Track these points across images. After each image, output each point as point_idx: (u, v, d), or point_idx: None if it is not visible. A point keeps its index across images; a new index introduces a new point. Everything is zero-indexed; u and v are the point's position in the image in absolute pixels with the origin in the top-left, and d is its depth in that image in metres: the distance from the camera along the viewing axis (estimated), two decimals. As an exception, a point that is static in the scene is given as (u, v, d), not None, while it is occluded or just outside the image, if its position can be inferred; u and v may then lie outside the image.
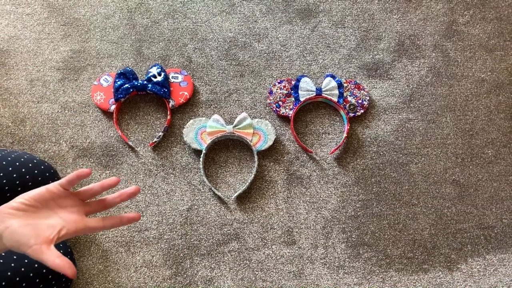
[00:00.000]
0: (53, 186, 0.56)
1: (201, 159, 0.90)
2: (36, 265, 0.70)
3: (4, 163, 0.76)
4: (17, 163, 0.77)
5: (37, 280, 0.70)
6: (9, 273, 0.67)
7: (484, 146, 0.95)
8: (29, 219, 0.52)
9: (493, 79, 0.99)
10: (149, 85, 0.93)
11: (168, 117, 0.93)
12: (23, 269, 0.69)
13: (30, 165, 0.79)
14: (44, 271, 0.71)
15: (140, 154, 0.93)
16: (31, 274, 0.69)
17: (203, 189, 0.91)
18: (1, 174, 0.74)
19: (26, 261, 0.70)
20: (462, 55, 1.01)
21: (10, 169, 0.76)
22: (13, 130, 0.93)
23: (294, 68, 0.99)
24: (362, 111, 0.95)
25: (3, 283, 0.67)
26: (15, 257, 0.70)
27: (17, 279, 0.68)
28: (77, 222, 0.55)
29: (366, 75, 0.99)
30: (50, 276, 0.72)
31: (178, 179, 0.91)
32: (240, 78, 0.98)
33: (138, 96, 0.97)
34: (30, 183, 0.77)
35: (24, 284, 0.68)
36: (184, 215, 0.90)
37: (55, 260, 0.49)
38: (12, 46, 0.99)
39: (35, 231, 0.51)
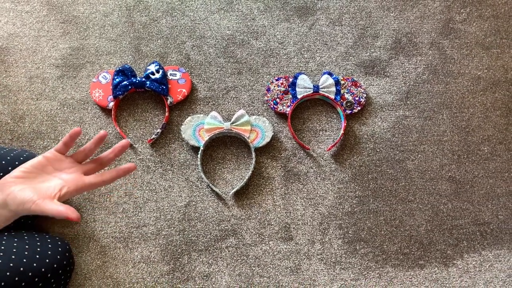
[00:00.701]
0: (49, 152, 0.60)
1: (199, 155, 0.91)
2: (35, 264, 0.71)
3: (3, 162, 0.77)
4: (17, 162, 0.78)
5: (36, 279, 0.70)
6: (8, 273, 0.68)
7: (480, 143, 0.96)
8: (30, 183, 0.56)
9: (489, 76, 1.00)
10: (148, 82, 0.93)
11: (166, 114, 0.93)
12: (22, 268, 0.69)
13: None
14: (43, 269, 0.71)
15: (139, 150, 0.93)
16: (30, 274, 0.70)
17: (201, 185, 0.92)
18: (1, 174, 0.75)
19: (24, 260, 0.70)
20: (458, 53, 1.01)
21: (10, 168, 0.77)
22: (12, 127, 0.94)
23: (291, 66, 0.99)
24: (359, 108, 0.95)
25: (2, 283, 0.67)
26: (13, 256, 0.70)
27: (16, 278, 0.68)
28: (77, 180, 0.57)
29: (363, 72, 0.99)
30: (49, 275, 0.72)
31: (176, 175, 0.92)
32: (238, 75, 0.99)
33: (136, 93, 0.97)
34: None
35: (23, 284, 0.69)
36: (182, 211, 0.90)
37: (59, 207, 0.52)
38: (11, 43, 0.99)
39: (36, 191, 0.54)
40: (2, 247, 0.71)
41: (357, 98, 0.96)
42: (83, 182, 0.57)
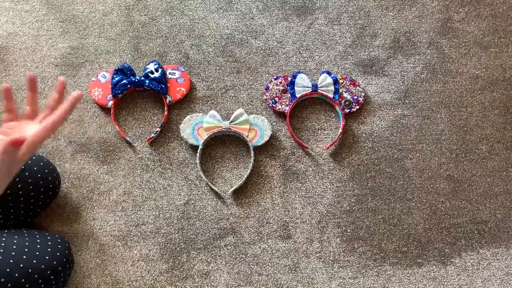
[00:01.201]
0: (2, 126, 0.61)
1: (197, 154, 0.91)
2: (34, 261, 0.71)
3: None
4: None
5: (36, 276, 0.71)
6: (8, 269, 0.68)
7: (478, 142, 0.96)
8: None
9: (488, 75, 1.00)
10: (147, 81, 0.94)
11: (165, 112, 0.94)
12: (21, 265, 0.70)
13: (29, 161, 0.80)
14: (43, 266, 0.72)
15: (138, 149, 0.94)
16: (30, 270, 0.70)
17: (199, 184, 0.92)
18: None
19: (24, 257, 0.71)
20: (457, 52, 1.01)
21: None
22: (11, 125, 0.94)
23: (290, 65, 1.00)
24: (357, 107, 0.96)
25: (2, 279, 0.67)
26: (13, 253, 0.70)
27: (16, 275, 0.69)
28: (32, 135, 0.57)
29: (362, 71, 1.00)
30: (48, 272, 0.73)
31: (175, 174, 0.92)
32: (236, 74, 0.99)
33: (135, 92, 0.97)
34: (29, 179, 0.78)
35: (23, 280, 0.69)
36: (181, 209, 0.91)
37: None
38: (11, 42, 0.99)
39: None
40: (2, 244, 0.71)
41: (355, 97, 0.96)
42: (36, 134, 0.56)
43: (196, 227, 0.90)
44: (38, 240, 0.76)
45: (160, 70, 0.95)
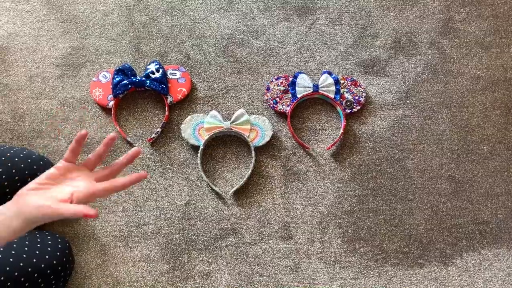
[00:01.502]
0: (60, 162, 0.61)
1: (198, 154, 0.91)
2: (34, 260, 0.71)
3: (3, 158, 0.77)
4: (16, 159, 0.78)
5: (36, 275, 0.71)
6: (8, 268, 0.68)
7: (480, 142, 0.96)
8: (44, 194, 0.56)
9: (489, 76, 1.00)
10: (148, 82, 0.94)
11: (166, 113, 0.94)
12: (21, 264, 0.70)
13: (29, 160, 0.80)
14: (43, 265, 0.72)
15: (138, 149, 0.94)
16: (30, 269, 0.70)
17: (200, 184, 0.92)
18: (0, 170, 0.75)
19: (24, 256, 0.71)
20: (458, 52, 1.01)
21: (9, 164, 0.77)
22: (12, 125, 0.94)
23: (291, 65, 1.00)
24: (358, 107, 0.96)
25: (2, 278, 0.68)
26: (13, 252, 0.71)
27: (16, 273, 0.69)
28: (88, 187, 0.57)
29: (363, 71, 1.00)
30: (48, 271, 0.73)
31: (176, 174, 0.92)
32: (237, 74, 0.99)
33: (136, 92, 0.97)
34: (29, 179, 0.78)
35: (22, 279, 0.69)
36: (181, 210, 0.90)
37: (74, 207, 0.53)
38: (11, 42, 0.99)
39: (50, 198, 0.55)
40: (3, 243, 0.71)
41: (356, 98, 0.96)
42: (94, 188, 0.57)
43: (197, 228, 0.90)
44: (39, 240, 0.76)
45: (161, 70, 0.94)
